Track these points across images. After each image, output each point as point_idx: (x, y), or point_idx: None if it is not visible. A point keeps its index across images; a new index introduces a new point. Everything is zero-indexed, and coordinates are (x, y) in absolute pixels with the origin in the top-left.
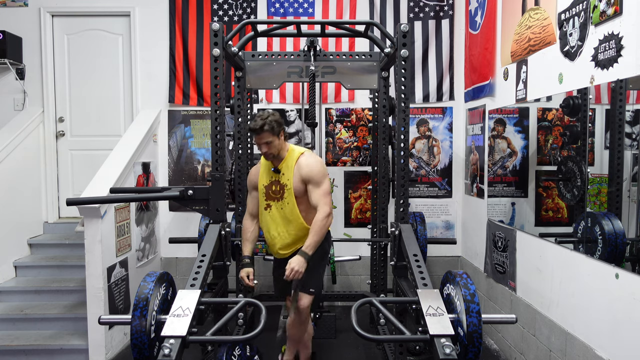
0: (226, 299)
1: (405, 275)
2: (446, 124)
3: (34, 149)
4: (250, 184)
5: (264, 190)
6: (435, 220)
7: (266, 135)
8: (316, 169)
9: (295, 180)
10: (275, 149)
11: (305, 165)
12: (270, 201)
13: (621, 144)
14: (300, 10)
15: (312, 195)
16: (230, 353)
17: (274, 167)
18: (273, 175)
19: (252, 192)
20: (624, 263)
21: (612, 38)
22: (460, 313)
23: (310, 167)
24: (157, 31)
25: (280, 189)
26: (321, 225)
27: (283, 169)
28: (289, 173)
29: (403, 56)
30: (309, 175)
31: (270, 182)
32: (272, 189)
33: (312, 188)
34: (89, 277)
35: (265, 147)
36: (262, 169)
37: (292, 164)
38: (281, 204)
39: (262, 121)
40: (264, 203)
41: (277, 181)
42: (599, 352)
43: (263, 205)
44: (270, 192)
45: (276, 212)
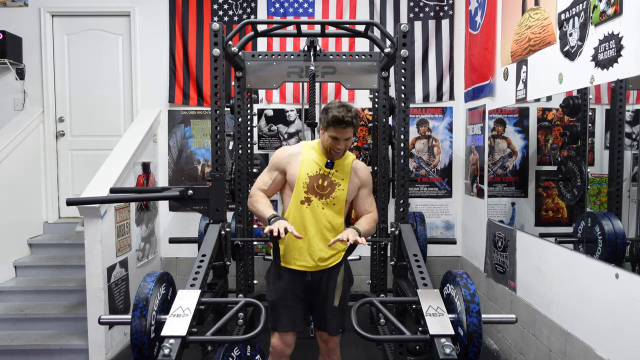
0: (226, 299)
1: (405, 275)
2: (446, 124)
3: (34, 149)
4: (279, 162)
5: (307, 181)
6: (435, 220)
7: (350, 131)
8: (370, 174)
9: (352, 182)
10: (348, 147)
11: (364, 169)
12: (311, 195)
13: (621, 144)
14: (300, 10)
15: (365, 201)
16: (228, 354)
17: (328, 159)
18: (323, 168)
19: (272, 171)
20: (624, 263)
21: (612, 38)
22: (460, 313)
23: (367, 171)
24: (157, 31)
25: (329, 185)
26: (375, 224)
27: (338, 166)
28: (343, 173)
29: (403, 56)
30: (367, 180)
31: (318, 174)
32: (318, 182)
33: (366, 193)
34: (89, 277)
35: (343, 144)
36: (307, 157)
37: (349, 164)
38: (325, 202)
39: (351, 114)
40: (302, 195)
41: (328, 176)
42: (599, 352)
43: (300, 198)
44: (315, 185)
45: (317, 209)
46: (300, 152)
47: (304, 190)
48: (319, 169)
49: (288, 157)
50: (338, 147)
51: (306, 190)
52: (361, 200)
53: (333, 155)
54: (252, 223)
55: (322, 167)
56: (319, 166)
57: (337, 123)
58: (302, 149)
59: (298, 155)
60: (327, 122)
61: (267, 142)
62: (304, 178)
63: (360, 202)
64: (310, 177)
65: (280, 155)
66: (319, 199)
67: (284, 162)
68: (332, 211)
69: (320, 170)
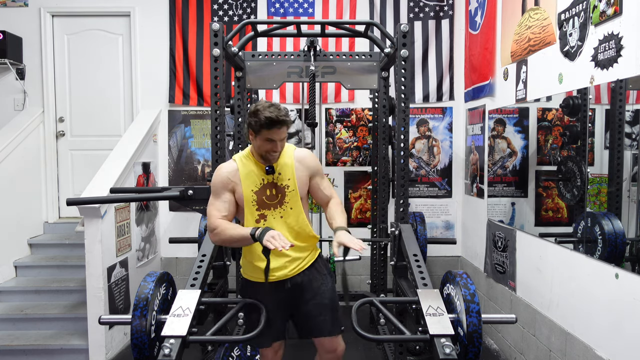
0: (226, 299)
1: (405, 275)
2: (446, 124)
3: (34, 149)
4: (223, 185)
5: (255, 197)
6: (435, 220)
7: (285, 130)
8: (316, 160)
9: (300, 177)
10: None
11: (309, 156)
12: (264, 210)
13: (621, 144)
14: (300, 10)
15: (321, 188)
16: (228, 354)
17: (267, 166)
18: (265, 177)
19: (222, 194)
20: (624, 263)
21: (612, 38)
22: (460, 313)
23: (313, 159)
24: (157, 31)
25: (279, 192)
26: (342, 208)
27: (279, 168)
28: (287, 171)
29: (403, 56)
30: (314, 166)
31: (262, 185)
32: (266, 194)
33: (320, 180)
34: (89, 277)
35: (279, 145)
36: (244, 171)
37: (290, 160)
38: (280, 211)
39: (282, 112)
40: (255, 214)
41: (273, 183)
42: (599, 352)
43: (254, 218)
44: (264, 198)
45: (275, 222)
46: (237, 167)
47: (255, 208)
48: (262, 180)
49: (228, 175)
50: (274, 150)
51: (257, 208)
52: (316, 188)
53: (270, 160)
54: None
55: (263, 176)
56: (260, 177)
57: (272, 124)
58: (237, 164)
59: (236, 173)
60: (259, 125)
61: None
62: (250, 196)
63: (317, 191)
64: (255, 192)
65: (220, 176)
66: (273, 210)
67: (227, 181)
68: (292, 215)
69: (264, 180)
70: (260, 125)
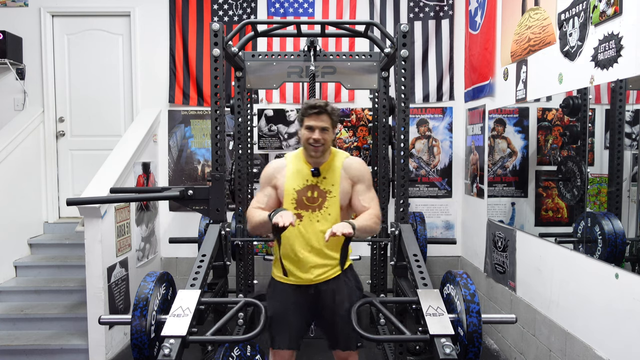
0: (226, 299)
1: (405, 275)
2: (446, 124)
3: (34, 149)
4: (267, 179)
5: (295, 196)
6: (435, 220)
7: (326, 118)
8: (367, 169)
9: (343, 185)
10: (327, 141)
11: (356, 164)
12: (302, 210)
13: (621, 144)
14: (300, 10)
15: (361, 197)
16: (228, 354)
17: (313, 167)
18: (310, 178)
19: (265, 188)
20: (624, 263)
21: (612, 38)
22: (460, 313)
23: (361, 166)
24: (157, 31)
25: (320, 196)
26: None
27: (325, 172)
28: (333, 177)
29: (403, 56)
30: (361, 174)
31: (306, 186)
32: (307, 195)
33: (362, 189)
34: (89, 277)
35: (319, 134)
36: (292, 168)
37: (338, 166)
38: (318, 214)
39: (324, 102)
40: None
41: (316, 186)
42: (599, 352)
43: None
44: (304, 199)
45: (310, 225)
46: (285, 164)
47: (293, 206)
48: (306, 180)
49: (274, 170)
50: (314, 137)
51: (295, 207)
52: (356, 196)
53: (312, 153)
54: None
55: (308, 177)
56: (305, 177)
57: (310, 109)
58: (287, 161)
59: (283, 169)
60: (301, 113)
61: (267, 142)
62: (292, 193)
63: (356, 199)
64: (297, 191)
65: (267, 170)
66: (311, 212)
67: (272, 176)
68: (329, 222)
69: (308, 181)
70: (301, 113)
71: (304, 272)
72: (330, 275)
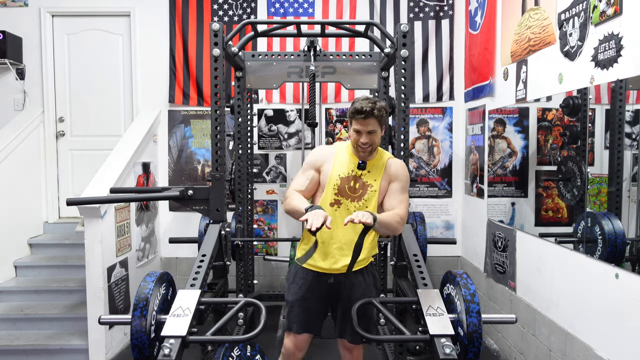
0: (226, 299)
1: (405, 275)
2: (446, 124)
3: (34, 149)
4: (313, 163)
5: (338, 182)
6: (435, 220)
7: (373, 122)
8: (406, 172)
9: (384, 181)
10: (375, 142)
11: (398, 164)
12: (341, 197)
13: (621, 144)
14: (300, 10)
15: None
16: (228, 354)
17: (360, 160)
18: (355, 169)
19: (308, 171)
20: (624, 263)
21: (612, 38)
22: (461, 313)
23: (402, 167)
24: (157, 31)
25: (361, 187)
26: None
27: (370, 167)
28: (376, 173)
29: (403, 56)
30: (399, 174)
31: (350, 175)
32: (349, 184)
33: (396, 189)
34: (89, 277)
35: (367, 137)
36: (340, 156)
37: (383, 163)
38: (356, 205)
39: (372, 104)
40: (332, 197)
41: (359, 177)
42: (599, 352)
43: (329, 200)
44: (346, 187)
45: (346, 213)
46: (334, 152)
47: (334, 192)
48: (351, 170)
49: (322, 156)
50: (362, 141)
51: (336, 192)
52: (388, 194)
53: (360, 153)
54: (252, 223)
55: (354, 168)
56: (351, 167)
57: (357, 113)
58: (336, 149)
59: (331, 156)
60: (349, 114)
61: (267, 142)
62: (335, 179)
63: (387, 196)
64: (341, 178)
65: (315, 154)
66: (350, 202)
67: (320, 160)
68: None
69: (353, 172)
70: (350, 114)
71: (329, 260)
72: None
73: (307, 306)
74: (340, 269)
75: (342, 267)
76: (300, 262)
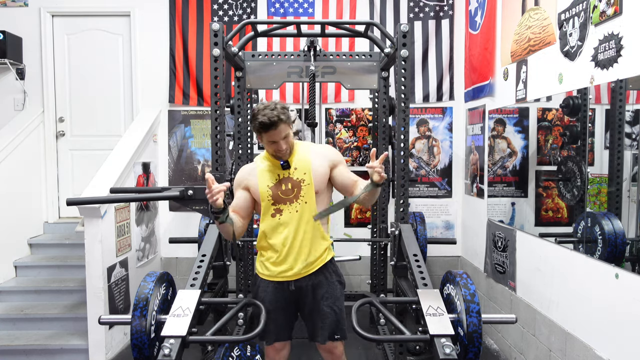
0: (226, 299)
1: (405, 275)
2: (446, 124)
3: (34, 149)
4: (238, 183)
5: (270, 192)
6: (435, 220)
7: (284, 127)
8: (336, 151)
9: (316, 171)
10: (292, 141)
11: (324, 149)
12: (280, 204)
13: (621, 144)
14: (300, 10)
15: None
16: (228, 354)
17: (282, 161)
18: (281, 172)
19: (237, 192)
20: (624, 263)
21: (612, 38)
22: (460, 313)
23: (330, 149)
24: (157, 31)
25: (294, 186)
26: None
27: (295, 163)
28: (304, 165)
29: (403, 56)
30: (333, 156)
31: (278, 181)
32: (281, 188)
33: (343, 169)
34: (89, 277)
35: (284, 143)
36: (263, 168)
37: (307, 154)
38: (296, 205)
39: (274, 112)
40: (271, 209)
41: (289, 178)
42: (599, 352)
43: (269, 212)
44: (279, 193)
45: (291, 217)
46: (255, 166)
47: (271, 203)
48: (277, 175)
49: (245, 174)
50: (279, 150)
51: (272, 202)
52: (341, 178)
53: (285, 157)
54: (252, 223)
55: (279, 172)
56: (276, 173)
57: (266, 128)
58: (256, 164)
59: (254, 171)
60: (256, 130)
61: None
62: (266, 191)
63: (342, 180)
64: (271, 187)
65: (238, 175)
66: (289, 205)
67: (243, 179)
68: (307, 210)
69: (280, 176)
70: (257, 130)
71: (283, 267)
72: (310, 270)
73: (275, 318)
74: (299, 274)
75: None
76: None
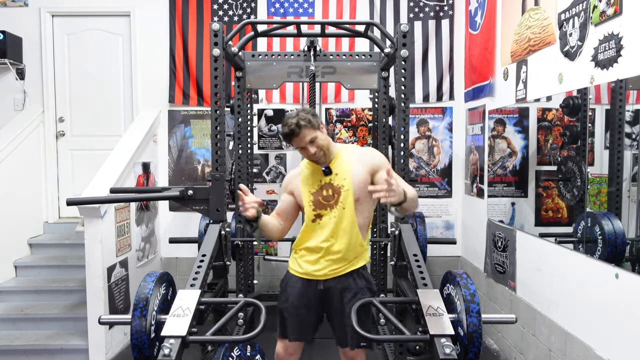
0: (226, 299)
1: (405, 275)
2: (446, 124)
3: (34, 149)
4: (284, 187)
5: (311, 198)
6: (435, 220)
7: (306, 132)
8: (379, 154)
9: (357, 175)
10: (323, 144)
11: (367, 153)
12: (320, 210)
13: (621, 144)
14: (300, 10)
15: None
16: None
17: (324, 167)
18: (323, 178)
19: (282, 195)
20: (624, 263)
21: (612, 38)
22: (460, 313)
23: (374, 154)
24: (157, 31)
25: (335, 192)
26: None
27: (336, 168)
28: (345, 171)
29: (403, 56)
30: (377, 161)
31: (320, 186)
32: (322, 194)
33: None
34: (89, 277)
35: (313, 147)
36: (307, 173)
37: (349, 159)
38: (335, 211)
39: (294, 120)
40: (312, 214)
41: (330, 184)
42: (599, 352)
43: (310, 217)
44: (320, 199)
45: (329, 222)
46: (300, 171)
47: (312, 208)
48: (319, 181)
49: (291, 178)
50: (313, 152)
51: (314, 208)
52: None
53: (318, 162)
54: None
55: (321, 177)
56: (318, 179)
57: (288, 137)
58: (301, 168)
59: (298, 176)
60: (284, 140)
61: (267, 142)
62: (309, 198)
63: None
64: (313, 193)
65: (285, 179)
66: (330, 210)
67: (289, 184)
68: (345, 215)
69: (322, 182)
70: (284, 139)
71: (317, 267)
72: (341, 272)
73: (299, 314)
74: (329, 274)
75: (330, 272)
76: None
